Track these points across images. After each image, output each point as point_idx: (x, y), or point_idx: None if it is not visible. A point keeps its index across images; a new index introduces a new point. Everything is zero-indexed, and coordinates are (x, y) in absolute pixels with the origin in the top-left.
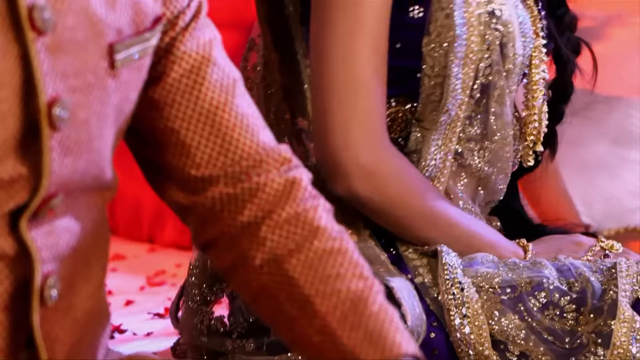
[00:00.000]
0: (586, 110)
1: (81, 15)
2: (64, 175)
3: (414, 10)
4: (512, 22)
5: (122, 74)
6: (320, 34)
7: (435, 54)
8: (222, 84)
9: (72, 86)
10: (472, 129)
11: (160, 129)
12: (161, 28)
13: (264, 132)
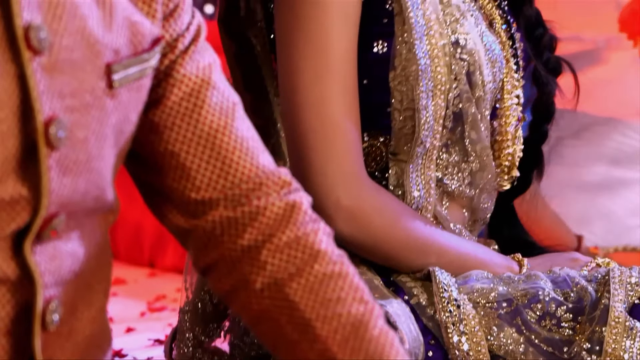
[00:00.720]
0: (585, 131)
1: (78, 35)
2: (64, 195)
3: (378, 46)
4: (477, 50)
5: (120, 94)
6: (287, 80)
7: (402, 87)
8: (221, 107)
9: (70, 106)
10: (450, 157)
11: (160, 152)
12: (160, 49)
13: (263, 156)
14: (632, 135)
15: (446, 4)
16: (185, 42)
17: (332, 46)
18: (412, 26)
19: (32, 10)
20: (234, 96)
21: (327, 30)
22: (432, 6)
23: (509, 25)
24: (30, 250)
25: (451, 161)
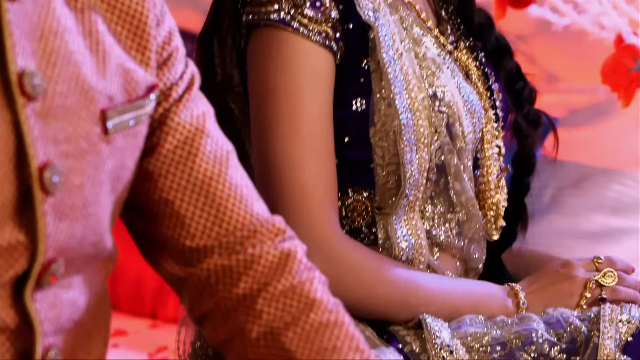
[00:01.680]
0: (584, 181)
1: (72, 82)
2: (61, 240)
3: (357, 103)
4: (456, 102)
5: (116, 140)
6: (259, 144)
7: (383, 143)
8: (215, 155)
9: (64, 151)
10: (436, 208)
11: (155, 200)
12: (155, 96)
13: (257, 203)
14: (631, 185)
15: (422, 58)
16: (179, 90)
17: (301, 111)
18: (391, 82)
19: (26, 56)
20: (228, 144)
21: (297, 96)
22: (409, 61)
23: (487, 77)
24: (30, 297)
25: (437, 212)
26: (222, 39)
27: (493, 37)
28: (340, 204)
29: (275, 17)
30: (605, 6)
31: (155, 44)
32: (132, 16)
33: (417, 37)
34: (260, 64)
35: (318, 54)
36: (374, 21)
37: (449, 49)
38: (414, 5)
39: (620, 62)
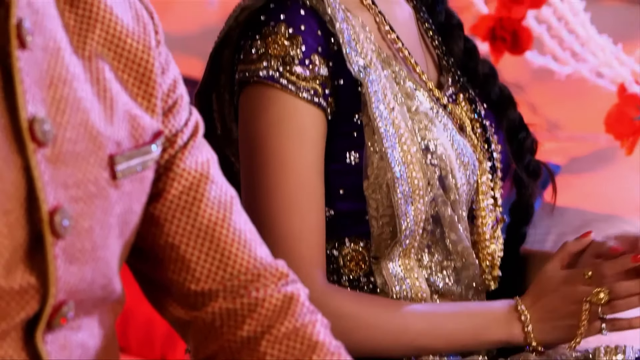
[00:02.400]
0: (586, 227)
1: (81, 128)
2: (72, 283)
3: (350, 157)
4: (448, 154)
5: (124, 185)
6: (247, 195)
7: (377, 195)
8: (220, 200)
9: (74, 196)
10: (434, 257)
11: (160, 244)
12: (161, 142)
13: (261, 248)
14: (632, 230)
15: (414, 112)
16: (184, 137)
17: (287, 166)
18: (382, 136)
19: (36, 103)
20: (232, 190)
21: (283, 151)
22: (401, 115)
23: (485, 129)
24: (41, 339)
25: (434, 261)
26: (220, 95)
27: (497, 87)
28: (337, 253)
29: (264, 74)
30: (608, 56)
31: (160, 91)
32: (138, 64)
33: (410, 91)
34: (249, 119)
35: (306, 110)
36: (364, 77)
37: (443, 102)
38: (409, 58)
39: (623, 111)
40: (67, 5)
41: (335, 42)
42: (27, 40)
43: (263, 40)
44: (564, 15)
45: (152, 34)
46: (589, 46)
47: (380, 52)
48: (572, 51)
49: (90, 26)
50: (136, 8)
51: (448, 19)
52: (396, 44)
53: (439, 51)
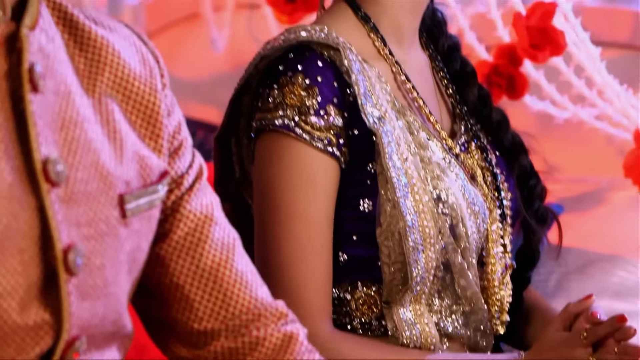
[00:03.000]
0: (589, 267)
1: (92, 168)
2: (84, 318)
3: (364, 204)
4: (459, 204)
5: (133, 223)
6: (258, 239)
7: (389, 243)
8: (223, 242)
9: (86, 234)
10: (443, 301)
11: (166, 283)
12: (167, 182)
13: (262, 289)
14: (634, 271)
15: (427, 162)
16: (190, 179)
17: (296, 214)
18: (395, 185)
19: (49, 145)
20: (234, 232)
21: (294, 199)
22: (414, 165)
23: (495, 177)
24: None
25: (444, 305)
26: (239, 139)
27: (509, 134)
28: (350, 297)
29: (280, 123)
30: (624, 103)
31: (167, 133)
32: (146, 106)
33: (423, 142)
34: (264, 166)
35: (319, 159)
36: (379, 128)
37: (455, 151)
38: (423, 108)
39: None
40: (77, 50)
41: (351, 92)
42: (39, 84)
43: (280, 90)
44: (581, 62)
45: (158, 77)
46: (605, 92)
47: (396, 102)
48: (579, 96)
49: (99, 69)
50: (142, 52)
51: (463, 67)
52: (411, 93)
53: (453, 99)
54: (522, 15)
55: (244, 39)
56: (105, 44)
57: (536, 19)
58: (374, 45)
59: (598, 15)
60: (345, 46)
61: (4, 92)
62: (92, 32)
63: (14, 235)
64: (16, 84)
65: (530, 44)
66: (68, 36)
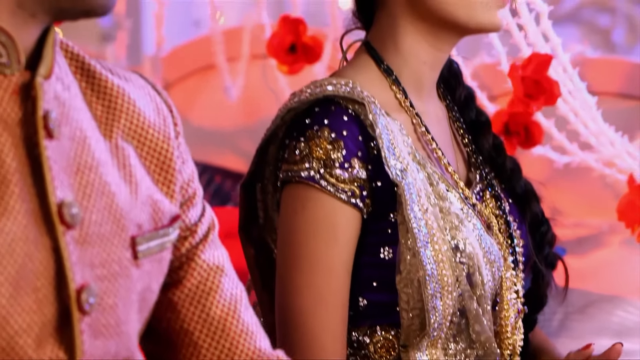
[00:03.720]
0: (590, 308)
1: (106, 211)
2: (97, 356)
3: (385, 252)
4: (476, 253)
5: (144, 265)
6: (279, 286)
7: (408, 290)
8: (232, 293)
9: (99, 275)
10: (458, 345)
11: (175, 329)
12: (178, 226)
13: (264, 340)
14: (633, 311)
15: (446, 212)
16: (203, 229)
17: (317, 264)
18: (416, 235)
19: (64, 188)
20: (241, 285)
21: (315, 249)
22: (434, 215)
23: (509, 225)
24: None
25: (458, 349)
26: (264, 186)
27: (522, 181)
28: (369, 340)
29: (305, 175)
30: (618, 148)
31: (180, 179)
32: (159, 152)
33: (443, 193)
34: (289, 215)
35: (342, 210)
36: (401, 180)
37: (472, 201)
38: (442, 159)
39: (633, 200)
40: (94, 97)
41: (375, 146)
42: (55, 131)
43: (307, 143)
44: (577, 111)
45: (172, 126)
46: (599, 139)
47: (417, 153)
48: (581, 143)
49: (115, 116)
50: (156, 101)
51: (478, 116)
52: (431, 144)
53: (469, 148)
54: (518, 65)
55: (257, 88)
56: (121, 92)
57: (531, 70)
58: (395, 97)
59: (596, 65)
60: (369, 100)
61: (18, 138)
62: (109, 81)
63: (29, 275)
64: (31, 131)
65: (524, 94)
66: (85, 84)
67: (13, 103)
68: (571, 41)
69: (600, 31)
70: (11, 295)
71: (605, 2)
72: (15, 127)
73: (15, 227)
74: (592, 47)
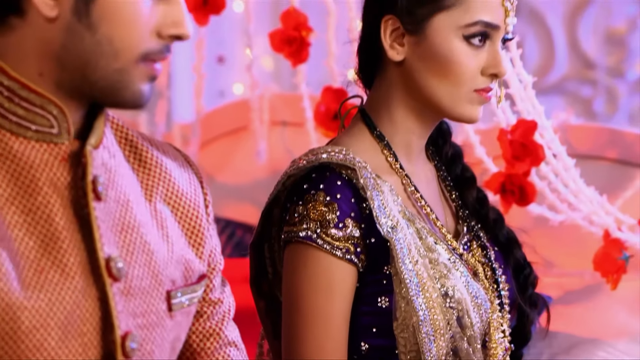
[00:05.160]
0: (575, 349)
1: (146, 267)
2: None
3: (382, 301)
4: (464, 298)
5: (176, 316)
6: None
7: (404, 334)
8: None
9: (140, 323)
10: None
11: None
12: (205, 284)
13: None
14: (612, 352)
15: (435, 263)
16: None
17: (316, 315)
18: (408, 285)
19: (111, 245)
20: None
21: (315, 302)
22: (424, 266)
23: (494, 271)
24: None
25: None
26: (271, 245)
27: (504, 230)
28: None
29: (304, 234)
30: (595, 206)
31: (208, 244)
32: (191, 218)
33: (431, 245)
34: (290, 272)
35: (338, 266)
36: (392, 236)
37: (459, 251)
38: (430, 214)
39: (608, 253)
40: (136, 165)
41: (367, 206)
42: (102, 194)
43: (305, 206)
44: (559, 172)
45: (202, 195)
46: (579, 197)
47: (406, 211)
48: (567, 202)
49: (155, 182)
50: (189, 173)
51: (463, 172)
52: (420, 202)
53: (456, 203)
54: (506, 130)
55: (279, 151)
56: (159, 162)
57: (519, 135)
58: (387, 160)
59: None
60: (361, 166)
61: (67, 200)
62: (149, 152)
63: (77, 321)
64: (79, 193)
65: (512, 156)
66: (129, 153)
67: (62, 168)
68: (557, 109)
69: (583, 101)
70: (60, 339)
71: (587, 75)
72: (64, 189)
73: (64, 279)
74: (576, 115)
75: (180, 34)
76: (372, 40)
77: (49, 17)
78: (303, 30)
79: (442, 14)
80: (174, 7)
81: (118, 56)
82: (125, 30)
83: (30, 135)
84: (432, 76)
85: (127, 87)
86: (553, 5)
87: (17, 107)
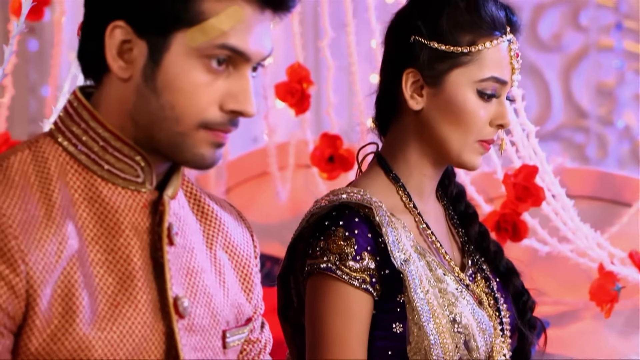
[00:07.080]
0: None
1: (206, 308)
2: None
3: (396, 327)
4: (470, 324)
5: (228, 354)
6: (308, 355)
7: (417, 357)
8: None
9: (200, 357)
10: None
11: None
12: (250, 327)
13: None
14: None
15: (443, 292)
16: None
17: (336, 340)
18: (420, 312)
19: (178, 286)
20: None
21: (334, 327)
22: (434, 295)
23: (497, 300)
24: None
25: None
26: (296, 277)
27: (504, 261)
28: None
29: (324, 266)
30: (590, 242)
31: (256, 291)
32: (244, 266)
33: (440, 276)
34: (312, 301)
35: (356, 295)
36: (405, 269)
37: (465, 282)
38: (440, 249)
39: (603, 285)
40: (199, 216)
41: (382, 241)
42: (174, 239)
43: (325, 241)
44: (558, 210)
45: (252, 247)
46: (575, 234)
47: (418, 246)
48: (561, 237)
49: (214, 233)
50: (242, 227)
51: (466, 209)
52: (430, 237)
53: (462, 239)
54: (510, 174)
55: (301, 191)
56: (218, 215)
57: (521, 178)
58: (401, 199)
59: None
60: (377, 205)
61: (145, 243)
62: (210, 206)
63: (143, 353)
64: (155, 238)
65: (515, 197)
66: (193, 205)
67: (143, 214)
68: (553, 154)
69: (577, 147)
70: None
71: (580, 124)
72: (143, 233)
73: (136, 314)
74: (571, 159)
75: (241, 110)
76: (391, 91)
77: (123, 78)
78: (304, 83)
79: (459, 69)
80: (240, 83)
81: (179, 121)
82: (184, 99)
83: (119, 182)
84: (446, 124)
85: (189, 150)
86: (550, 62)
87: (109, 156)
